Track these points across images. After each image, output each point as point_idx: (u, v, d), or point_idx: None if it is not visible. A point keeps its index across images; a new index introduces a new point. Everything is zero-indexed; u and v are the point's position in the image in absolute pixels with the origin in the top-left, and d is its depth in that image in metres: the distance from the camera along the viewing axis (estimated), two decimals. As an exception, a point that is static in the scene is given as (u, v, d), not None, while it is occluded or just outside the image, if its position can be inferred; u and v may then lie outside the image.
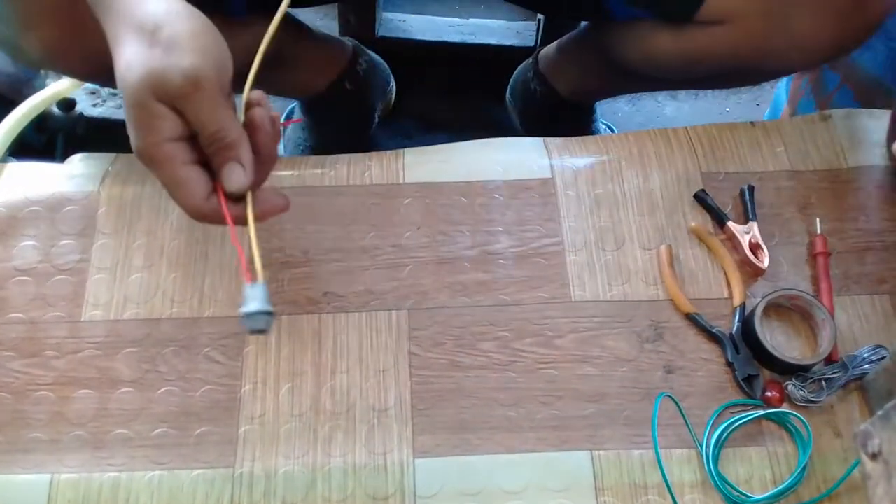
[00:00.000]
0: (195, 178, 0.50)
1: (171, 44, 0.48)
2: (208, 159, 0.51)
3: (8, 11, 0.63)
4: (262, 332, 0.50)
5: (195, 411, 0.65)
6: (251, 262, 0.51)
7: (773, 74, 0.87)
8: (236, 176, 0.50)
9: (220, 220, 0.52)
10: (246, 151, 0.51)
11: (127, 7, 0.50)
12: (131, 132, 0.49)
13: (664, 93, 1.31)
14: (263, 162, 0.53)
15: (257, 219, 0.52)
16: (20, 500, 0.61)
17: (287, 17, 0.98)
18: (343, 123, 1.12)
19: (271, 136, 0.53)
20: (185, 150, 0.50)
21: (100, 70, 0.71)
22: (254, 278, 0.50)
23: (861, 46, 0.73)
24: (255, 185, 0.52)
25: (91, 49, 0.66)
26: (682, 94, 1.31)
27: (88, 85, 1.11)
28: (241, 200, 0.52)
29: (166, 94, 0.47)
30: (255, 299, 0.49)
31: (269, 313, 0.49)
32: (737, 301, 0.69)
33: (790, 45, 0.71)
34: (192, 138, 0.50)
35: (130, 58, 0.48)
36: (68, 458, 0.62)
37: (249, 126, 0.52)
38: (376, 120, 1.17)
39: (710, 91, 1.31)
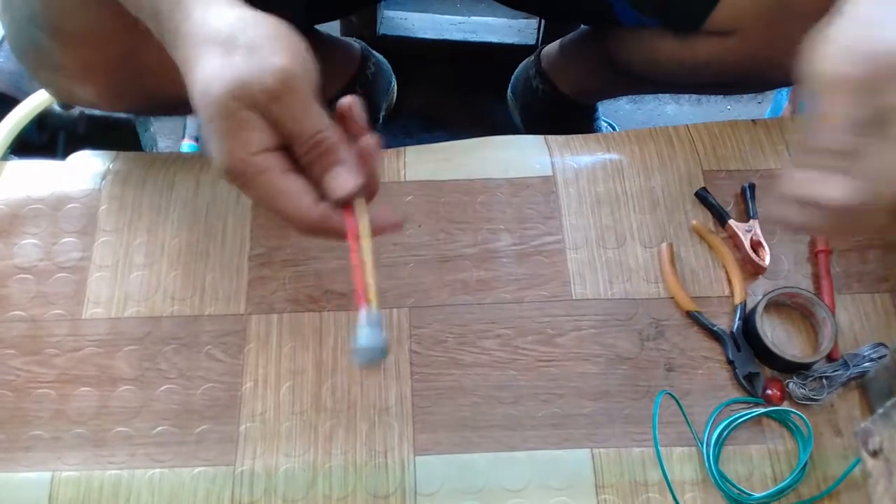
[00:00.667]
0: (300, 187, 0.45)
1: (253, 47, 0.43)
2: (306, 169, 0.46)
3: (61, 60, 0.61)
4: (374, 366, 0.45)
5: (196, 409, 0.65)
6: (366, 283, 0.46)
7: (777, 84, 0.87)
8: (342, 180, 0.45)
9: (331, 233, 0.47)
10: (348, 154, 0.46)
11: (194, 27, 0.45)
12: (216, 149, 0.44)
13: (665, 92, 1.31)
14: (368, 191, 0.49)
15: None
16: (21, 498, 0.61)
17: (303, 26, 0.99)
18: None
19: (378, 163, 0.49)
20: (282, 160, 0.45)
21: (145, 106, 0.71)
22: (368, 304, 0.46)
23: None
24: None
25: (145, 89, 0.66)
26: (683, 93, 1.31)
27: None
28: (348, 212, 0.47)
29: (254, 100, 0.43)
30: (368, 331, 0.45)
31: (383, 349, 0.46)
32: (738, 299, 0.69)
33: (795, 56, 0.71)
34: (283, 149, 0.45)
35: (208, 72, 0.43)
36: (69, 456, 0.63)
37: (362, 154, 0.48)
38: (381, 120, 1.17)
39: (711, 91, 1.31)
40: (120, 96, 0.66)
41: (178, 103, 0.49)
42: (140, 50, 0.61)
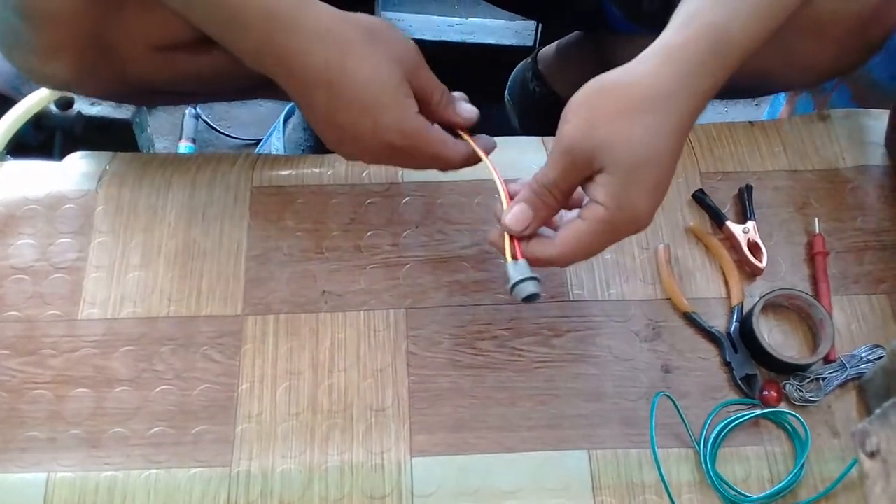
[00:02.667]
0: (443, 133, 0.58)
1: (388, 35, 0.56)
2: (436, 112, 0.59)
3: (33, 40, 0.62)
4: (535, 297, 0.55)
5: (192, 410, 0.64)
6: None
7: (772, 91, 0.87)
8: (468, 109, 0.60)
9: (472, 161, 0.61)
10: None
11: (315, 21, 0.54)
12: (385, 121, 0.55)
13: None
14: None
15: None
16: (16, 499, 0.61)
17: None
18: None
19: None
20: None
21: (120, 91, 0.72)
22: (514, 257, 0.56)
23: (862, 67, 0.72)
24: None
25: (113, 73, 0.66)
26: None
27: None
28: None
29: (410, 72, 0.56)
30: (519, 272, 0.55)
31: (536, 279, 0.55)
32: (735, 300, 0.69)
33: (790, 67, 0.71)
34: None
35: (374, 59, 0.55)
36: (65, 457, 0.62)
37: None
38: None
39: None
40: (91, 78, 0.66)
41: (149, 91, 0.50)
42: (109, 30, 0.61)
